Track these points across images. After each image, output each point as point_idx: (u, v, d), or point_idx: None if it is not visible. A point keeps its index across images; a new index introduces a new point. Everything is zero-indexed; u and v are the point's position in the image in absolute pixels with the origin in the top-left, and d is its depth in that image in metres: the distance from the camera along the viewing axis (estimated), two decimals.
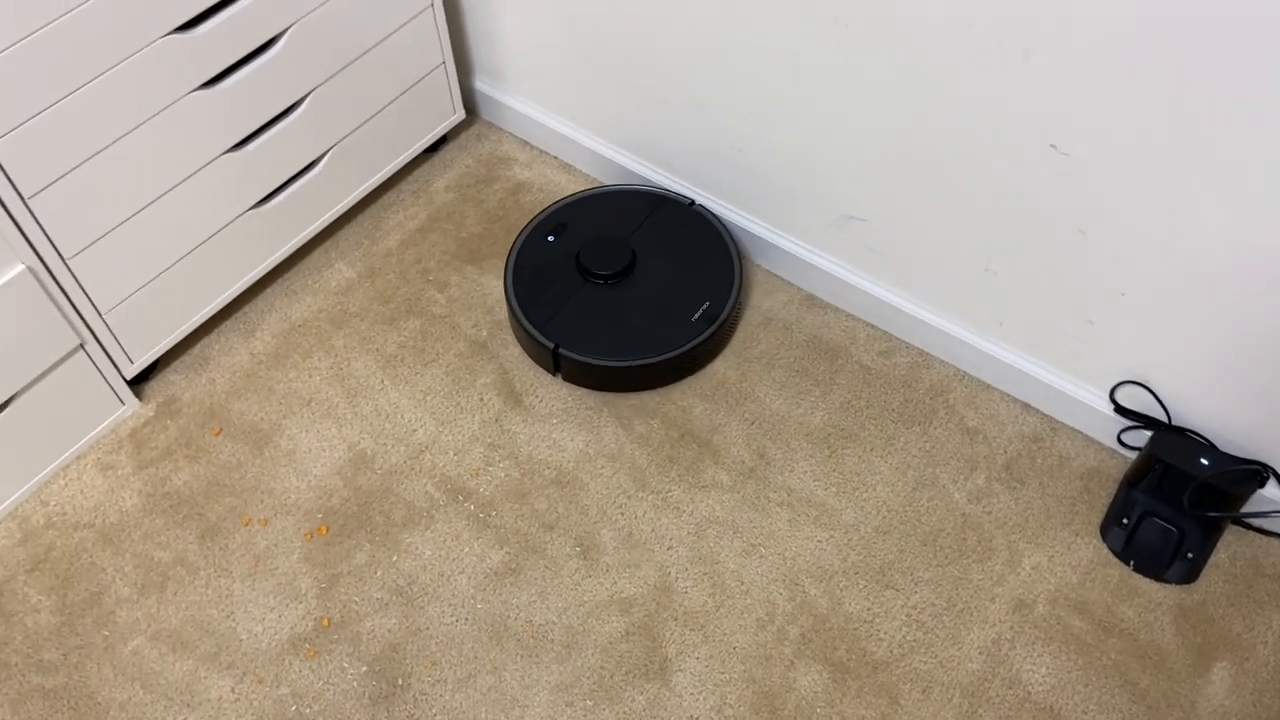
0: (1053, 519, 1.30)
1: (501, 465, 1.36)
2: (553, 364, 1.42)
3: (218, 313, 1.50)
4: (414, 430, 1.39)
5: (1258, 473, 1.23)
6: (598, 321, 1.42)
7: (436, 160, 1.70)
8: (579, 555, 1.28)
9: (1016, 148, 1.15)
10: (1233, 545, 1.28)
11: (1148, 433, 1.31)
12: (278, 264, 1.54)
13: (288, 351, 1.47)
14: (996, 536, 1.29)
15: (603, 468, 1.35)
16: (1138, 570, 1.26)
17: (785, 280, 1.54)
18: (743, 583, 1.26)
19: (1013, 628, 1.22)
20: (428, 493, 1.33)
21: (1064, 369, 1.34)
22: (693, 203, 1.54)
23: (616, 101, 1.54)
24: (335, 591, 1.25)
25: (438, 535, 1.30)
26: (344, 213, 1.61)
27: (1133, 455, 1.35)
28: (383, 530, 1.30)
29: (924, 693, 1.17)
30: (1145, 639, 1.21)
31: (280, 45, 1.32)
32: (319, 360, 1.46)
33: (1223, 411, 1.24)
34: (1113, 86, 1.03)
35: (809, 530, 1.30)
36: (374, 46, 1.46)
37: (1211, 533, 1.26)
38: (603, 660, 1.20)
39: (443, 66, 1.60)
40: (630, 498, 1.33)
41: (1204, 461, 1.22)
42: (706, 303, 1.43)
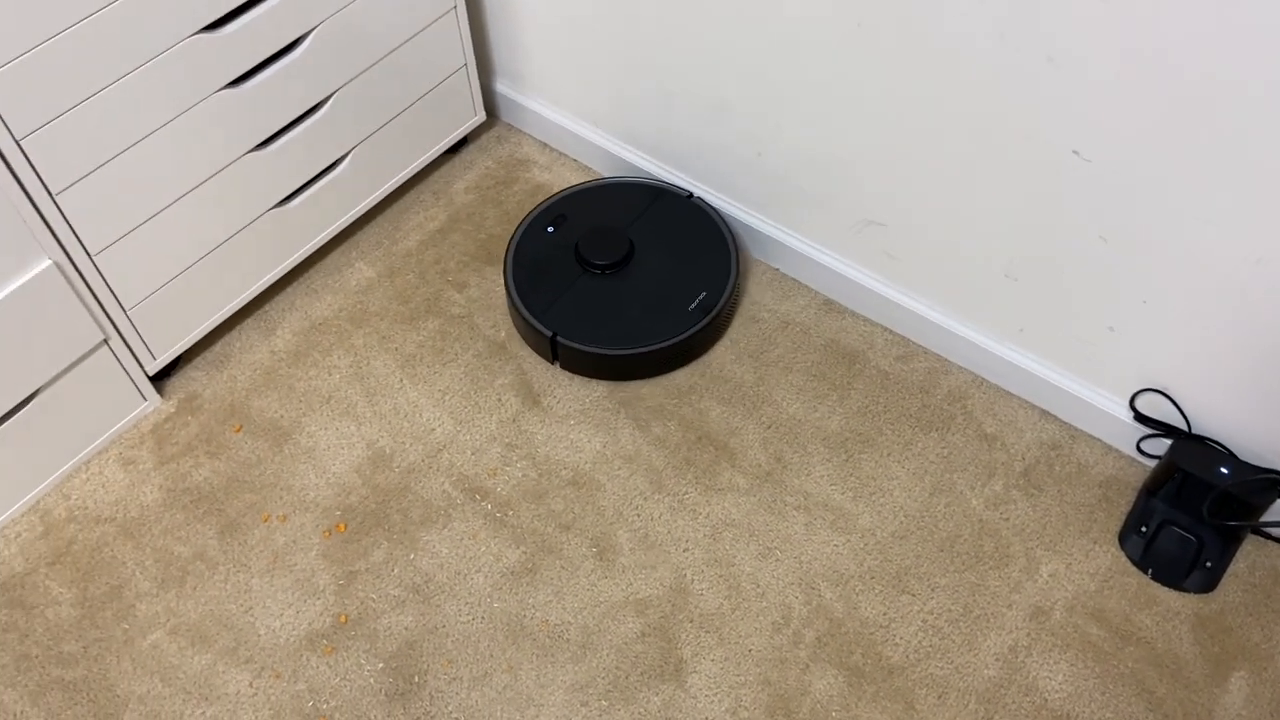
0: (1071, 526, 1.30)
1: (519, 465, 1.36)
2: (551, 352, 1.44)
3: (239, 310, 1.52)
4: (432, 429, 1.40)
5: (1277, 482, 1.22)
6: (595, 310, 1.44)
7: (457, 162, 1.71)
8: (595, 556, 1.28)
9: (1039, 154, 1.15)
10: (1252, 555, 1.27)
11: (1167, 441, 1.30)
12: (299, 263, 1.55)
13: (308, 350, 1.48)
14: (1014, 543, 1.28)
15: (619, 469, 1.36)
16: (1156, 579, 1.25)
17: (804, 284, 1.54)
18: (758, 585, 1.26)
19: (1029, 635, 1.21)
20: (445, 491, 1.34)
21: (1083, 376, 1.34)
22: (690, 195, 1.56)
23: (636, 105, 1.55)
24: (353, 588, 1.26)
25: (455, 534, 1.30)
26: (365, 213, 1.62)
27: (1152, 463, 1.34)
28: (400, 528, 1.31)
29: (939, 698, 1.17)
30: (1163, 648, 1.20)
31: (305, 46, 1.33)
32: (339, 359, 1.47)
33: (1243, 420, 1.23)
34: (1136, 93, 1.03)
35: (825, 534, 1.30)
36: (397, 48, 1.47)
37: (1230, 542, 1.25)
38: (618, 661, 1.20)
39: (464, 69, 1.61)
40: (647, 499, 1.33)
41: (1223, 470, 1.22)
42: (703, 293, 1.44)
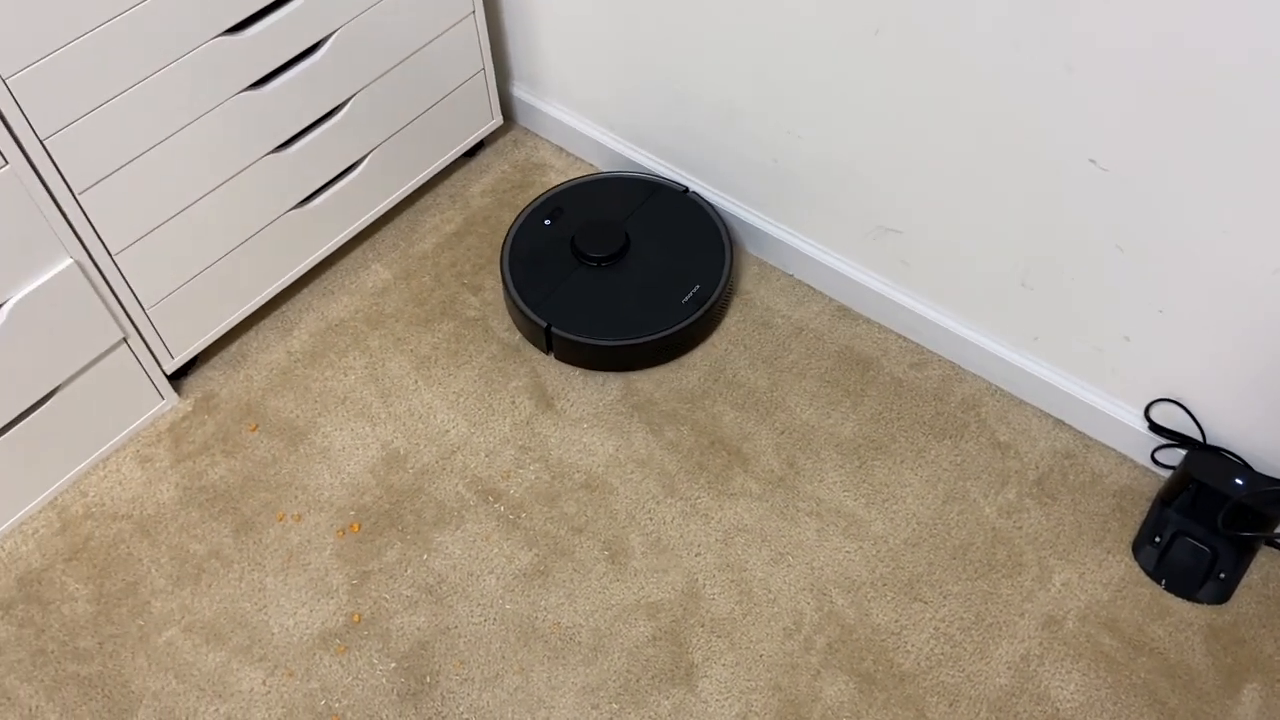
0: (1084, 536, 1.29)
1: (532, 468, 1.37)
2: (545, 343, 1.45)
3: (256, 311, 1.53)
4: (446, 431, 1.40)
5: None
6: (590, 302, 1.46)
7: (473, 165, 1.72)
8: (607, 559, 1.29)
9: (1056, 162, 1.15)
10: (1266, 566, 1.27)
11: (1182, 451, 1.30)
12: (316, 264, 1.56)
13: (324, 350, 1.49)
14: (1027, 552, 1.28)
15: (632, 473, 1.36)
16: (1169, 589, 1.25)
17: (818, 290, 1.54)
18: (770, 591, 1.26)
19: (1042, 644, 1.21)
20: (459, 493, 1.35)
21: (1098, 385, 1.34)
22: (687, 190, 1.57)
23: (652, 110, 1.55)
24: (366, 588, 1.27)
25: (468, 535, 1.31)
26: (382, 215, 1.63)
27: (1166, 474, 1.34)
28: (414, 529, 1.32)
29: (951, 706, 1.17)
30: (1175, 658, 1.20)
31: (325, 49, 1.35)
32: (354, 360, 1.48)
33: (1259, 431, 1.23)
34: (1153, 104, 1.03)
35: (837, 540, 1.30)
36: (416, 52, 1.48)
37: (1245, 553, 1.25)
38: (629, 664, 1.21)
39: (482, 73, 1.61)
40: (659, 503, 1.33)
41: (1238, 481, 1.22)
42: (697, 286, 1.46)
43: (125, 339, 1.32)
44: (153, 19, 1.14)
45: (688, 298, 1.45)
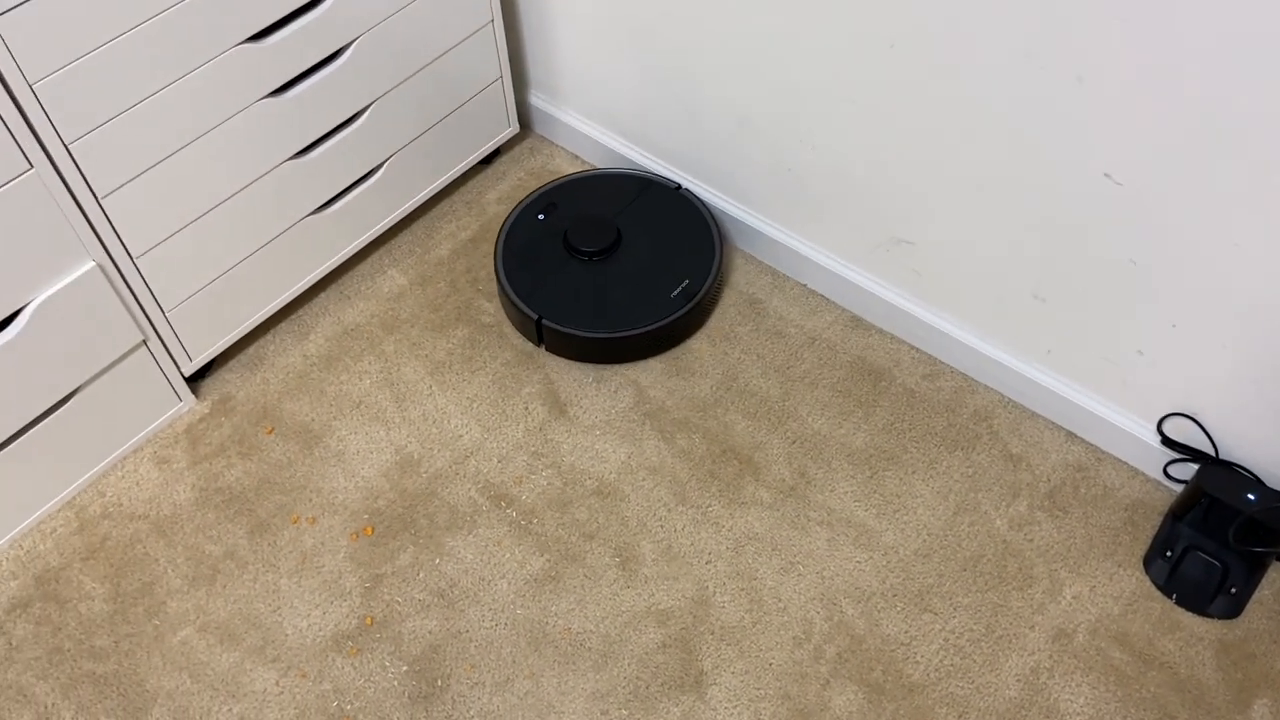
0: (1095, 549, 1.29)
1: (544, 474, 1.38)
2: (536, 335, 1.47)
3: (274, 314, 1.54)
4: (460, 436, 1.41)
5: None
6: (581, 295, 1.48)
7: (489, 173, 1.74)
8: (618, 566, 1.29)
9: (1070, 176, 1.15)
10: (1277, 582, 1.26)
11: (1194, 466, 1.30)
12: (333, 269, 1.58)
13: (339, 355, 1.50)
14: (1038, 564, 1.28)
15: (644, 480, 1.37)
16: (1180, 604, 1.25)
17: (831, 301, 1.54)
18: (780, 600, 1.26)
19: (1052, 657, 1.21)
20: (471, 498, 1.35)
21: (1111, 399, 1.34)
22: (679, 187, 1.59)
23: (668, 119, 1.56)
24: (379, 591, 1.28)
25: (480, 540, 1.32)
26: (398, 221, 1.64)
27: (1178, 488, 1.34)
28: (426, 533, 1.32)
29: (960, 718, 1.17)
30: (1186, 673, 1.20)
31: (346, 56, 1.36)
32: (369, 364, 1.49)
33: (1271, 446, 1.23)
34: (1168, 118, 1.03)
35: (848, 550, 1.30)
36: (435, 60, 1.49)
37: (1256, 568, 1.25)
38: (639, 670, 1.21)
39: (499, 81, 1.63)
40: (670, 511, 1.34)
41: (1251, 496, 1.21)
42: (686, 280, 1.48)
43: (145, 341, 1.34)
44: (176, 26, 1.15)
45: (676, 292, 1.47)
